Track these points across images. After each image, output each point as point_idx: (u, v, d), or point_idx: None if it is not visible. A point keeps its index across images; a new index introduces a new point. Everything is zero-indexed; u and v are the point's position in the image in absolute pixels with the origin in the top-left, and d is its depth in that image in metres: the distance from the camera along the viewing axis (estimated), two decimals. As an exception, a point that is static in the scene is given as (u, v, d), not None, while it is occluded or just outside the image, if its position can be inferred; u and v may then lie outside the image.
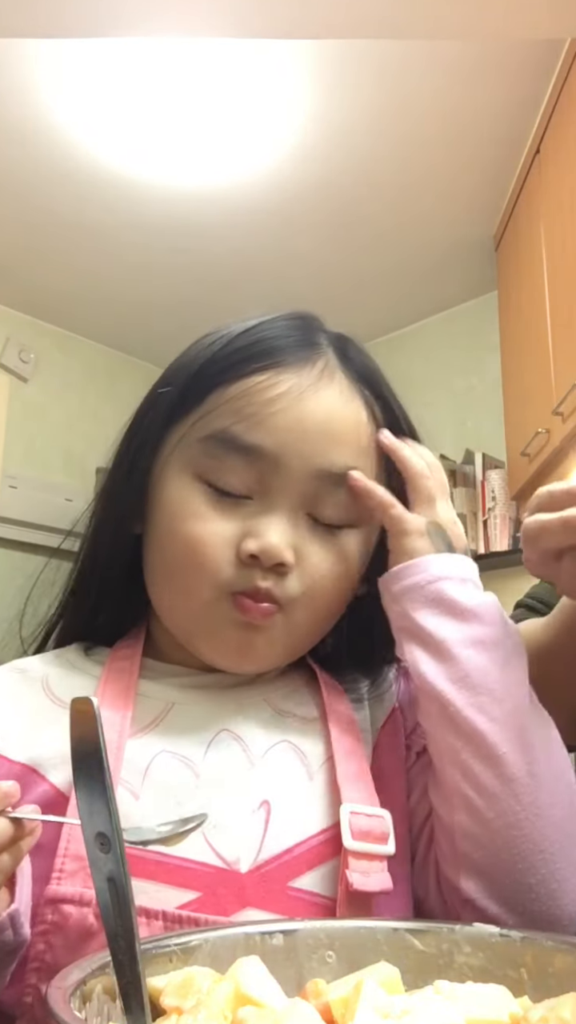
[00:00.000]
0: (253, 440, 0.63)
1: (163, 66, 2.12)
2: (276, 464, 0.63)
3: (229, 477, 0.63)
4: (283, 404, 0.63)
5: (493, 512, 2.82)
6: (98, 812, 0.41)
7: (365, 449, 0.67)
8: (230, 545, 0.63)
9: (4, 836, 0.48)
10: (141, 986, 0.40)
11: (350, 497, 0.65)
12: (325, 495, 0.65)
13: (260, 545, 0.62)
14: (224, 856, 0.58)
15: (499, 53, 2.12)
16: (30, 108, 2.28)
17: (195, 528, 0.63)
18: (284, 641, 0.66)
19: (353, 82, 2.20)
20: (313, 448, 0.64)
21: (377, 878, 0.59)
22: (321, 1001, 0.43)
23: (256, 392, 0.64)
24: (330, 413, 0.65)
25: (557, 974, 0.46)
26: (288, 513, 0.64)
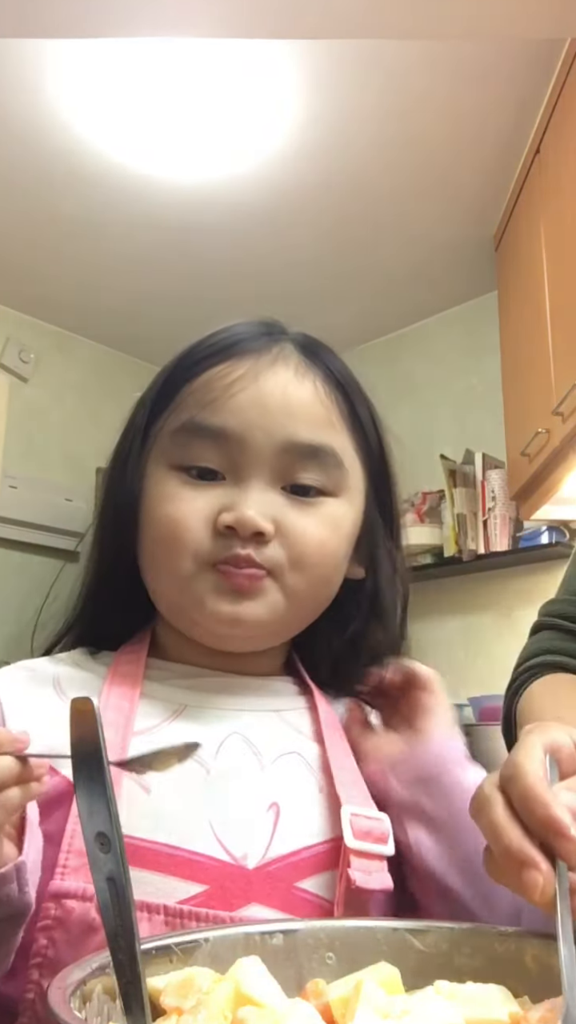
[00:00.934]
0: (217, 423, 0.66)
1: (163, 66, 2.12)
2: (242, 442, 0.66)
3: (200, 460, 0.67)
4: (241, 386, 0.67)
5: (493, 512, 2.82)
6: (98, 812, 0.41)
7: (330, 423, 0.69)
8: (207, 520, 0.65)
9: (10, 772, 0.49)
10: (141, 986, 0.40)
11: (320, 465, 0.67)
12: (296, 467, 0.67)
13: (235, 516, 0.64)
14: (232, 852, 0.60)
15: (499, 53, 2.12)
16: (30, 108, 2.28)
17: (172, 509, 0.66)
18: (278, 606, 0.67)
19: (353, 82, 2.20)
20: (275, 422, 0.66)
21: (378, 877, 0.60)
22: (321, 1001, 0.43)
23: (216, 380, 0.68)
24: (286, 388, 0.67)
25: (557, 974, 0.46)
26: (262, 487, 0.66)
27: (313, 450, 0.67)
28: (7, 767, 0.49)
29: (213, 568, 0.65)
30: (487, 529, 2.83)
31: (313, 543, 0.67)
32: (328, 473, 0.68)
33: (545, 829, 0.45)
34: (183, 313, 3.35)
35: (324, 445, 0.68)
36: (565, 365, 2.08)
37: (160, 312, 3.36)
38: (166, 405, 0.70)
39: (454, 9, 1.77)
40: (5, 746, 0.49)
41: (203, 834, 0.60)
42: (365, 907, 0.60)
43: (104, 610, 0.74)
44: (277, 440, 0.66)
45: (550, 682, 0.89)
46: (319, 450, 0.67)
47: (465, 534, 2.85)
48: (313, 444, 0.67)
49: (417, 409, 3.35)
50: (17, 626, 3.46)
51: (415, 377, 3.39)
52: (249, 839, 0.61)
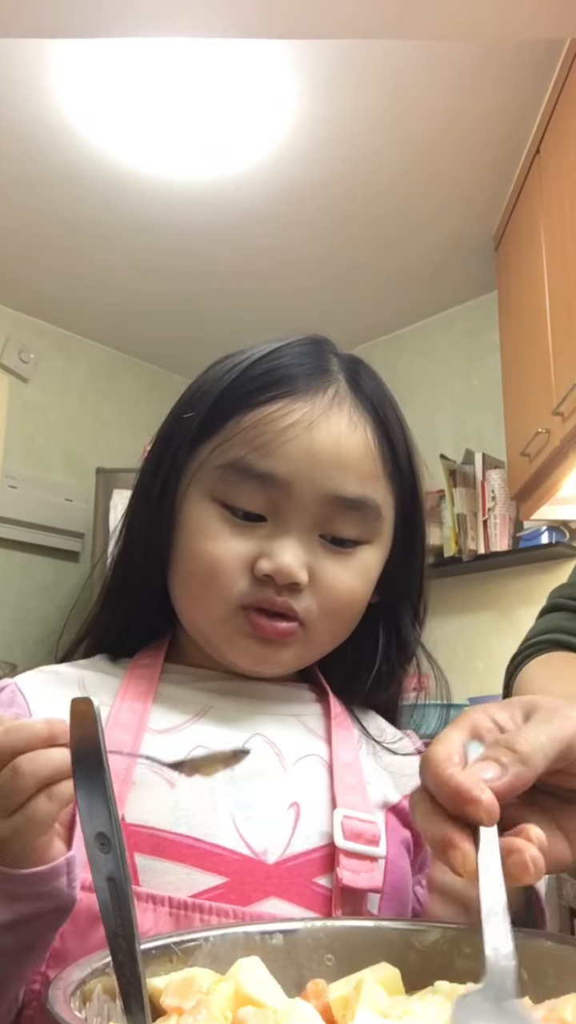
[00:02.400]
0: (266, 468, 0.66)
1: (164, 66, 2.12)
2: (288, 489, 0.66)
3: (245, 501, 0.67)
4: (294, 433, 0.66)
5: (493, 512, 2.82)
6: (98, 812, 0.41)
7: (375, 474, 0.69)
8: (245, 563, 0.66)
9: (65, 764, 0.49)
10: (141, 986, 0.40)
11: (361, 517, 0.68)
12: (336, 517, 0.67)
13: (274, 565, 0.65)
14: (253, 847, 0.61)
15: (499, 53, 2.12)
16: (30, 109, 2.28)
17: (212, 547, 0.67)
18: (303, 654, 0.70)
19: (354, 82, 2.21)
20: (323, 474, 0.66)
21: (367, 877, 0.62)
22: (321, 1001, 0.43)
23: (269, 422, 0.67)
24: (339, 441, 0.67)
25: (557, 974, 0.46)
26: (301, 535, 0.67)
27: (357, 504, 0.68)
28: (63, 760, 0.49)
29: (245, 611, 0.67)
30: (487, 529, 2.83)
31: (344, 593, 0.68)
32: (367, 525, 0.69)
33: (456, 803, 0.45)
34: (183, 313, 3.36)
35: (368, 499, 0.68)
36: (565, 365, 2.08)
37: (160, 312, 3.37)
38: (212, 432, 0.69)
39: (454, 9, 1.77)
40: (60, 738, 0.50)
41: (225, 829, 0.61)
42: (360, 905, 0.62)
43: (123, 618, 0.75)
44: (324, 492, 0.67)
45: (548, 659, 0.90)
46: (363, 503, 0.68)
47: (465, 534, 2.85)
48: (358, 498, 0.68)
49: (417, 409, 3.34)
50: (17, 626, 3.47)
51: (415, 377, 3.40)
52: (270, 836, 0.62)
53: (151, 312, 3.37)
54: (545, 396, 2.19)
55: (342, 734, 0.71)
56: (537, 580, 2.79)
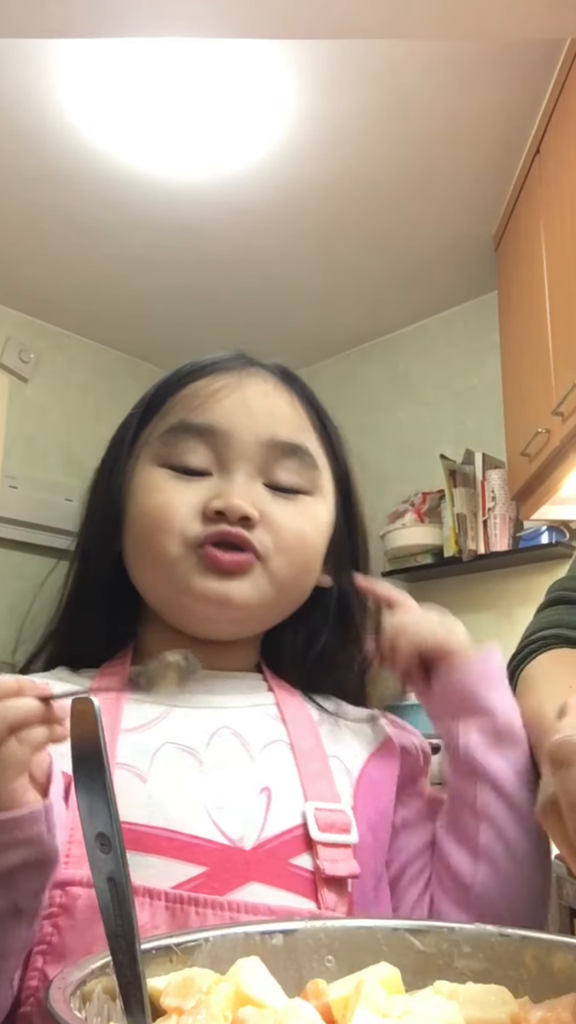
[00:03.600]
0: (204, 421, 0.72)
1: (164, 66, 2.12)
2: (228, 438, 0.71)
3: (188, 457, 0.71)
4: (226, 392, 0.73)
5: (493, 512, 2.82)
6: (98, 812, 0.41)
7: (307, 428, 0.76)
8: (195, 508, 0.70)
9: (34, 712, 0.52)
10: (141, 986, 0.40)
11: (299, 464, 0.73)
12: (277, 464, 0.72)
13: (224, 502, 0.69)
14: (229, 834, 0.63)
15: (499, 53, 2.12)
16: (29, 108, 2.28)
17: (161, 498, 0.70)
18: (265, 590, 0.71)
19: (353, 82, 2.20)
20: (258, 421, 0.72)
21: (345, 864, 0.65)
22: (321, 1001, 0.43)
23: (202, 388, 0.74)
24: (267, 395, 0.75)
25: (557, 974, 0.46)
26: (246, 481, 0.71)
27: (293, 448, 0.73)
28: (31, 707, 0.52)
29: (198, 550, 0.69)
30: (487, 529, 2.82)
31: (295, 532, 0.72)
32: (306, 472, 0.74)
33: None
34: (183, 313, 3.36)
35: (303, 445, 0.74)
36: (565, 365, 2.08)
37: (160, 312, 3.36)
38: (152, 416, 0.76)
39: (454, 9, 1.77)
40: (28, 691, 0.52)
41: (200, 819, 0.63)
42: (342, 889, 0.64)
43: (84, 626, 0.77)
44: (261, 437, 0.72)
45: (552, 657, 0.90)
46: (298, 449, 0.73)
47: (465, 534, 2.85)
48: (293, 443, 0.73)
49: (417, 409, 3.35)
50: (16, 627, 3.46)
51: (415, 377, 3.39)
52: (244, 822, 0.64)
53: (151, 312, 3.37)
54: (545, 396, 2.19)
55: (296, 717, 0.73)
56: (537, 580, 2.79)
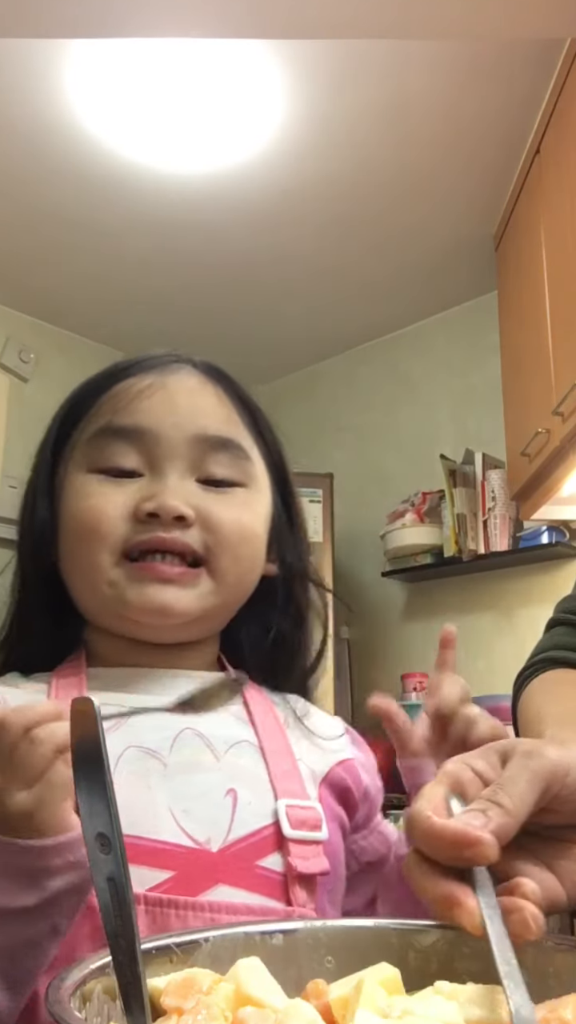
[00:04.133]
0: (131, 422, 0.71)
1: (166, 65, 2.12)
2: (156, 437, 0.70)
3: (118, 459, 0.70)
4: (151, 392, 0.72)
5: (493, 512, 2.82)
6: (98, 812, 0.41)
7: (234, 421, 0.74)
8: (127, 511, 0.69)
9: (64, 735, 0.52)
10: (141, 986, 0.40)
11: (230, 457, 0.72)
12: (207, 458, 0.71)
13: (157, 503, 0.68)
14: (196, 837, 0.63)
15: (499, 53, 2.12)
16: (29, 108, 2.28)
17: (92, 503, 0.69)
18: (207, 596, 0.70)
19: (353, 82, 2.21)
20: (184, 418, 0.71)
21: (316, 861, 0.65)
22: (321, 1001, 0.43)
23: (125, 389, 0.73)
24: (192, 391, 0.73)
25: (557, 974, 0.46)
26: (178, 478, 0.70)
27: (222, 442, 0.72)
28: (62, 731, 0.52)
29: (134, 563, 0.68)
30: (487, 529, 2.83)
31: (234, 525, 0.70)
32: (238, 465, 0.73)
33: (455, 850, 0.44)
34: (183, 313, 3.36)
35: (232, 438, 0.73)
36: (565, 365, 2.08)
37: (161, 312, 3.36)
38: (76, 421, 0.74)
39: (455, 9, 1.77)
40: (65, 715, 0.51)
41: (166, 823, 0.62)
42: (313, 887, 0.64)
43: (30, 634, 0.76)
44: (189, 433, 0.71)
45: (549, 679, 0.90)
46: (228, 442, 0.72)
47: (465, 534, 2.85)
48: (222, 436, 0.72)
49: (417, 409, 3.35)
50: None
51: (415, 377, 3.40)
52: (211, 825, 0.64)
53: (151, 312, 3.37)
54: (545, 396, 2.19)
55: (263, 716, 0.72)
56: (537, 580, 2.79)
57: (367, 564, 3.26)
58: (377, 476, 3.40)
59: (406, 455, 3.34)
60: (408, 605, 3.23)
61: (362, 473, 3.42)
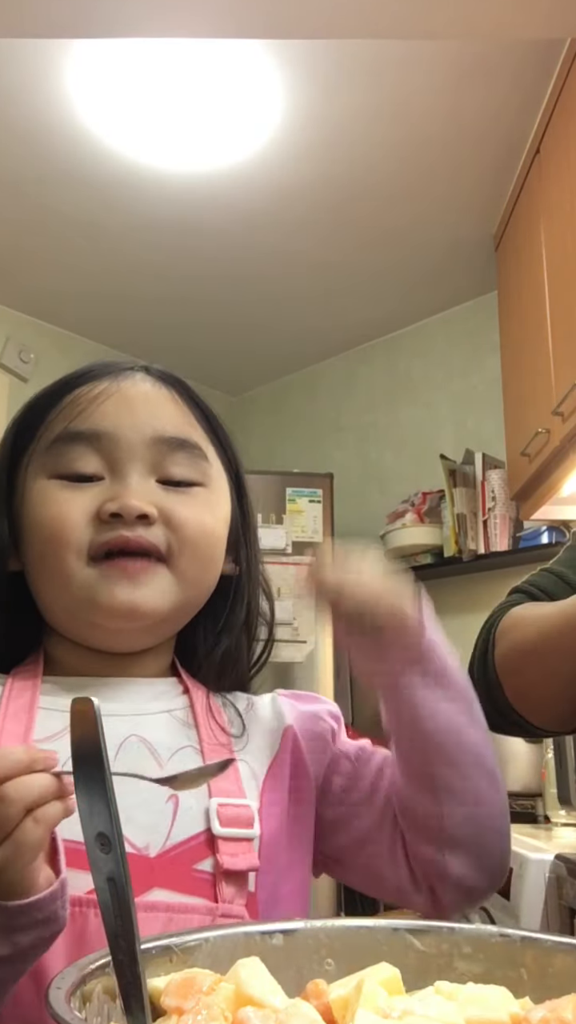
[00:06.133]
0: (89, 426, 0.71)
1: (164, 65, 2.12)
2: (115, 440, 0.71)
3: (78, 464, 0.71)
4: (107, 395, 0.73)
5: (493, 512, 2.82)
6: (98, 812, 0.41)
7: (187, 421, 0.75)
8: (90, 514, 0.69)
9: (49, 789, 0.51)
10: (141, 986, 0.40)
11: (188, 457, 0.73)
12: (167, 460, 0.72)
13: (120, 503, 0.68)
14: (135, 843, 0.64)
15: (499, 53, 2.12)
16: (28, 107, 2.28)
17: (55, 509, 0.70)
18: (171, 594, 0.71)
19: (353, 81, 2.21)
20: (141, 420, 0.72)
21: (245, 858, 0.66)
22: (321, 1001, 0.43)
23: (81, 396, 0.74)
24: (147, 394, 0.75)
25: (557, 974, 0.46)
26: (139, 479, 0.71)
27: (180, 442, 0.73)
28: (46, 783, 0.51)
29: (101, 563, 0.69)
30: (487, 529, 2.82)
31: (195, 524, 0.71)
32: (196, 465, 0.74)
33: None
34: (183, 313, 3.36)
35: (189, 438, 0.74)
36: (565, 365, 2.08)
37: (161, 312, 3.36)
38: (34, 429, 0.75)
39: (454, 9, 1.77)
40: (39, 763, 0.51)
41: None
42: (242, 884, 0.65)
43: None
44: (146, 435, 0.72)
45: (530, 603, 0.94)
46: (185, 442, 0.73)
47: (465, 534, 2.85)
48: (179, 437, 0.73)
49: (417, 409, 3.35)
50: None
51: (415, 377, 3.39)
52: (150, 831, 0.65)
53: (151, 312, 3.37)
54: (545, 396, 2.19)
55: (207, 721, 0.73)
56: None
57: (367, 564, 3.25)
58: (377, 476, 3.40)
59: (406, 455, 3.34)
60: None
61: (362, 473, 3.42)
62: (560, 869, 1.51)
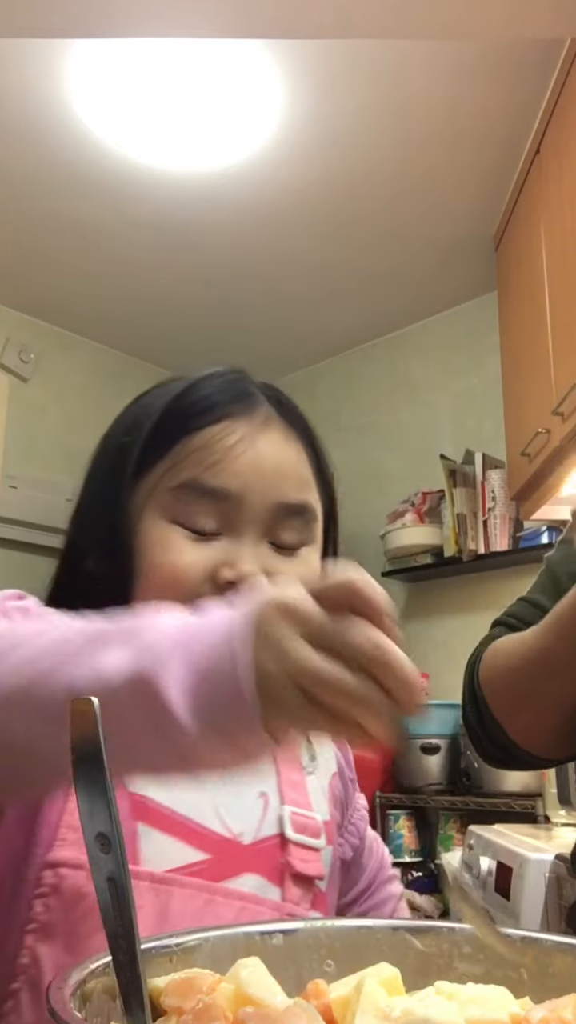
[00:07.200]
0: (219, 484, 0.72)
1: (165, 64, 2.12)
2: (240, 502, 0.72)
3: (200, 519, 0.72)
4: (241, 449, 0.73)
5: (493, 512, 2.82)
6: (98, 812, 0.41)
7: (309, 482, 0.77)
8: (207, 573, 0.71)
9: None
10: (141, 986, 0.40)
11: (302, 522, 0.75)
12: (282, 523, 0.74)
13: (236, 572, 0.70)
14: (231, 829, 0.70)
15: (499, 53, 2.12)
16: (29, 107, 2.28)
17: (175, 559, 0.71)
18: None
19: (354, 81, 2.21)
20: (269, 485, 0.73)
21: (313, 865, 0.73)
22: (321, 1001, 0.43)
23: (216, 442, 0.73)
24: (278, 453, 0.75)
25: (557, 974, 0.46)
26: (254, 543, 0.73)
27: (299, 509, 0.75)
28: None
29: None
30: (487, 529, 2.83)
31: None
32: (307, 528, 0.76)
33: None
34: (183, 313, 3.36)
35: (307, 504, 0.76)
36: (565, 365, 2.08)
37: (160, 312, 3.37)
38: (159, 456, 0.74)
39: (455, 9, 1.77)
40: None
41: (209, 812, 0.70)
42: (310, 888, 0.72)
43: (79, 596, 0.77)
44: (271, 501, 0.73)
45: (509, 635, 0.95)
46: (303, 508, 0.75)
47: (465, 534, 2.85)
48: (299, 504, 0.75)
49: (417, 409, 3.35)
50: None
51: (415, 377, 3.40)
52: (244, 821, 0.71)
53: (151, 312, 3.37)
54: (545, 396, 2.19)
55: None
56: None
57: (367, 564, 3.21)
58: (377, 476, 3.40)
59: (406, 455, 3.34)
60: (408, 605, 3.22)
61: (362, 473, 3.42)
62: (560, 869, 1.52)
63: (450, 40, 2.04)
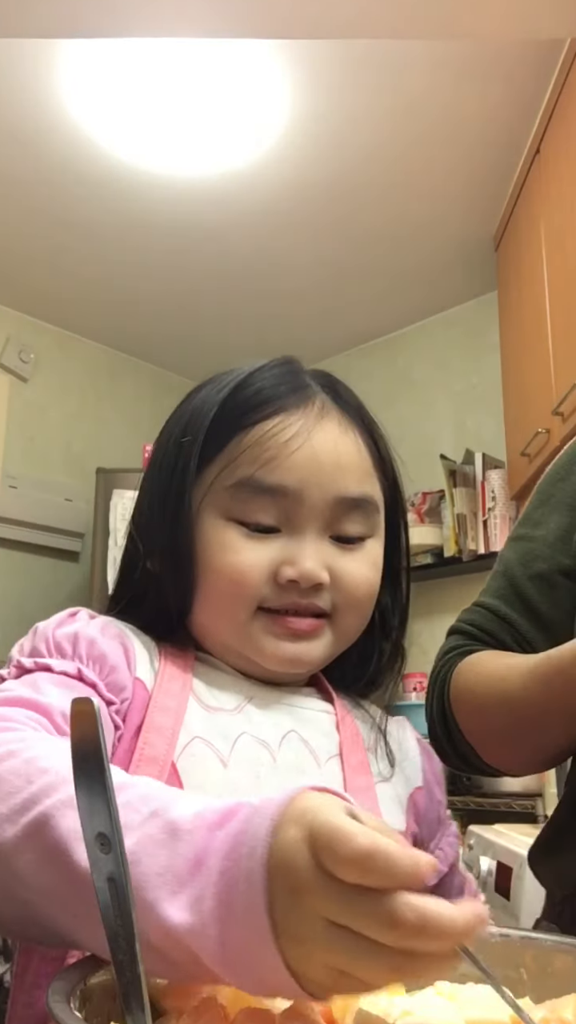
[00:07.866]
0: (276, 481, 0.70)
1: (164, 64, 2.12)
2: (299, 498, 0.71)
3: (259, 515, 0.71)
4: (296, 444, 0.71)
5: (493, 512, 2.82)
6: (98, 812, 0.41)
7: (369, 472, 0.76)
8: (268, 572, 0.70)
9: None
10: (141, 986, 0.40)
11: (363, 514, 0.74)
12: (343, 517, 0.72)
13: (297, 570, 0.69)
14: None
15: (499, 53, 2.12)
16: (29, 109, 2.28)
17: (235, 559, 0.70)
18: (332, 647, 0.74)
19: (354, 81, 2.21)
20: (328, 478, 0.71)
21: None
22: (321, 1001, 0.43)
23: (271, 437, 0.71)
24: (336, 445, 0.73)
25: (557, 974, 0.46)
26: (315, 539, 0.71)
27: (359, 502, 0.73)
28: None
29: (269, 615, 0.71)
30: (487, 529, 2.82)
31: (364, 584, 0.73)
32: (368, 520, 0.74)
33: None
34: (184, 313, 3.36)
35: (368, 496, 0.74)
36: (565, 365, 2.08)
37: (161, 312, 3.37)
38: (214, 454, 0.73)
39: (455, 9, 1.77)
40: None
41: None
42: None
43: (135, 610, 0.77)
44: (330, 495, 0.71)
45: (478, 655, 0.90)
46: (364, 501, 0.74)
47: (465, 534, 2.85)
48: (360, 496, 0.73)
49: (417, 409, 3.35)
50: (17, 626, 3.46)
51: (415, 377, 3.39)
52: None
53: (151, 312, 3.37)
54: (545, 396, 2.19)
55: (350, 736, 0.75)
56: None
57: (367, 564, 3.25)
58: (377, 476, 3.39)
59: (406, 455, 3.31)
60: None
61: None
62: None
63: (451, 40, 2.04)
